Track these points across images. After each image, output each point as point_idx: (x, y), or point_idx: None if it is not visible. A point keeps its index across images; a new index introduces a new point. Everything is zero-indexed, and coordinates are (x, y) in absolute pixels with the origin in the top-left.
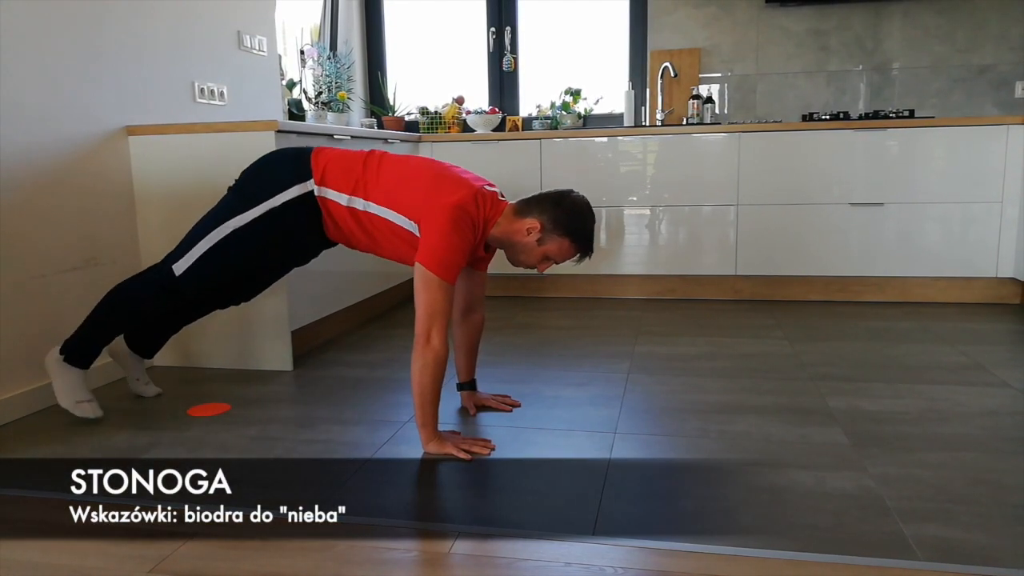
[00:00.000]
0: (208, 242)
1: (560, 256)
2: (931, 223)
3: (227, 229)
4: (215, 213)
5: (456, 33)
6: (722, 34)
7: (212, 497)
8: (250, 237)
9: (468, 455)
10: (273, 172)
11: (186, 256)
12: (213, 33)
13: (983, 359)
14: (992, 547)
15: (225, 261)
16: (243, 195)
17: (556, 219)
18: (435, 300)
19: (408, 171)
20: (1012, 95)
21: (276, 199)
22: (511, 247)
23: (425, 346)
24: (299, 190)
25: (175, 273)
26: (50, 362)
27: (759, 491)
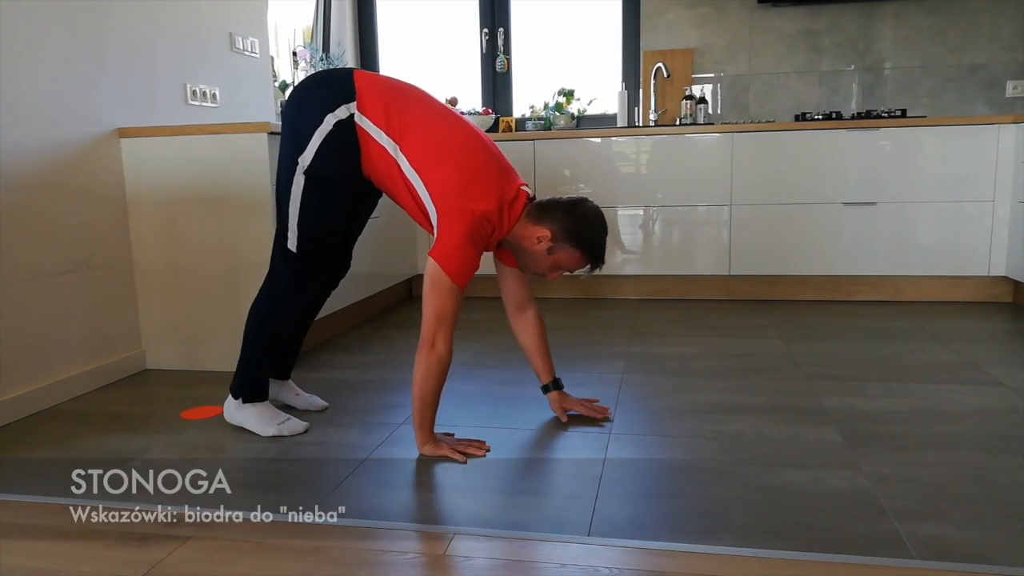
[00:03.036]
0: (295, 201)
1: (570, 266)
2: (924, 222)
3: (301, 175)
4: (281, 170)
5: (449, 34)
6: (715, 35)
7: (206, 500)
8: (323, 171)
9: (463, 457)
10: (318, 98)
11: (290, 228)
12: (205, 35)
13: (976, 358)
14: (987, 545)
15: (318, 208)
16: (296, 133)
17: (567, 229)
18: (444, 304)
19: (448, 140)
20: (1003, 94)
21: (326, 123)
22: (522, 252)
23: (429, 350)
24: (344, 111)
25: (293, 250)
26: (232, 411)
27: (754, 491)
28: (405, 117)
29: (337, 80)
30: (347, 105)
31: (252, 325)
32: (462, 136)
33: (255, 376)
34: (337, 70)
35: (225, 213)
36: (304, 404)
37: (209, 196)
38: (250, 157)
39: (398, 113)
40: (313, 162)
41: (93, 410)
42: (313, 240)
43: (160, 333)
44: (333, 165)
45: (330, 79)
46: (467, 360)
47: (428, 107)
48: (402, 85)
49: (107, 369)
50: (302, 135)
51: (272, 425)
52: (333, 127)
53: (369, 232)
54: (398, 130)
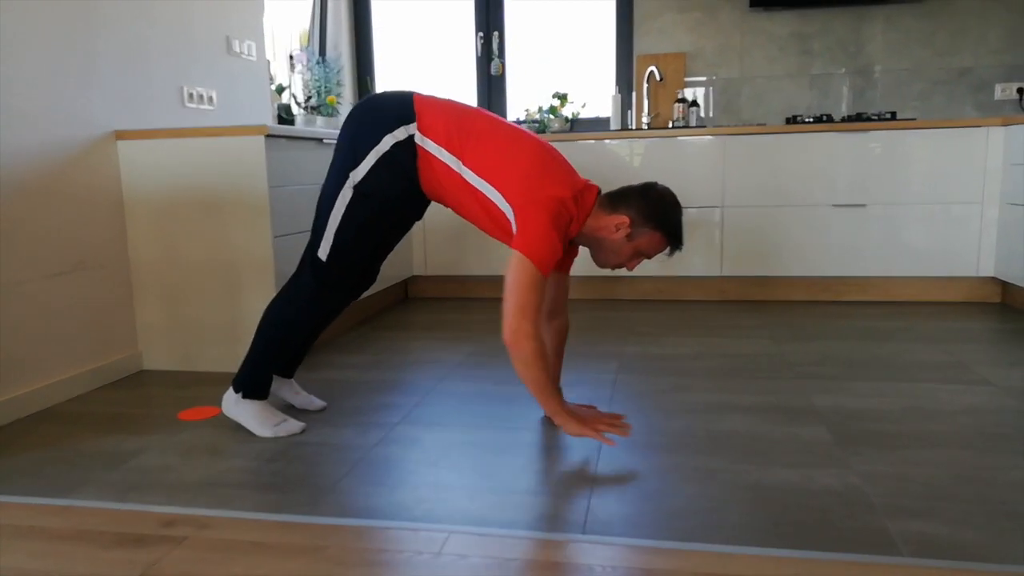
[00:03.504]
0: (337, 213)
1: (652, 250)
2: (913, 224)
3: (349, 191)
4: (331, 181)
5: (444, 37)
6: (707, 38)
7: (202, 500)
8: (373, 189)
9: (608, 439)
10: (376, 117)
11: (324, 238)
12: (202, 38)
13: (965, 357)
14: (976, 543)
15: (362, 227)
16: (352, 149)
17: (644, 212)
18: (527, 295)
19: (514, 147)
20: (991, 97)
21: (384, 143)
22: (599, 244)
23: (516, 344)
24: (403, 132)
25: (322, 259)
26: (230, 405)
27: (746, 489)
28: (465, 133)
29: (397, 102)
30: (407, 127)
31: (265, 324)
32: (523, 140)
33: (259, 374)
34: (397, 93)
35: (222, 216)
36: (303, 403)
37: (206, 199)
38: (247, 160)
39: (458, 130)
40: (365, 178)
41: (90, 411)
42: (346, 253)
43: (156, 334)
44: (383, 184)
45: (391, 101)
46: (462, 360)
47: (487, 120)
48: (460, 105)
49: (104, 370)
50: (358, 151)
51: (269, 426)
52: (391, 148)
53: None
54: (459, 146)
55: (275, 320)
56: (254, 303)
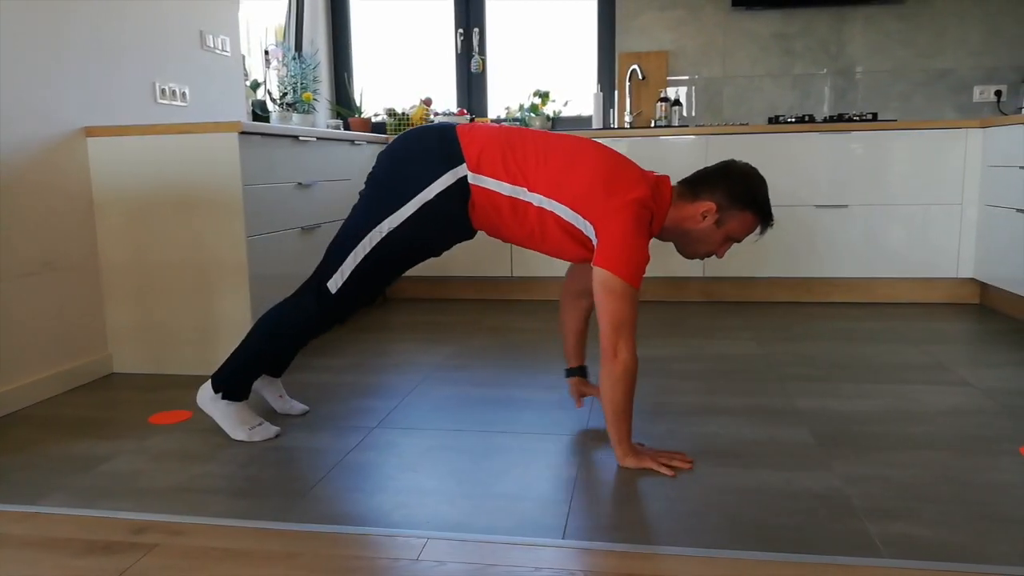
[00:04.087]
0: (361, 251)
1: (743, 232)
2: (894, 225)
3: (380, 234)
4: (362, 217)
5: (423, 34)
6: (689, 37)
7: (174, 505)
8: (406, 235)
9: (670, 470)
10: (423, 161)
11: (339, 272)
12: (175, 33)
13: (945, 358)
14: (956, 544)
15: (382, 265)
16: (391, 191)
17: (731, 194)
18: (622, 309)
19: (581, 160)
20: (970, 99)
21: (429, 190)
22: (686, 236)
23: (613, 360)
24: (451, 177)
25: (331, 291)
26: (206, 401)
27: (728, 492)
28: (522, 158)
29: (441, 139)
30: (455, 170)
31: (257, 333)
32: (583, 149)
33: (242, 378)
34: (439, 128)
35: (195, 214)
36: (283, 408)
37: (179, 197)
38: (221, 158)
39: (513, 157)
40: (401, 226)
41: (58, 415)
42: (359, 290)
43: (127, 336)
44: (420, 231)
45: (435, 140)
46: (442, 363)
47: (538, 138)
48: (503, 128)
49: (72, 373)
50: (397, 197)
51: (243, 429)
52: (435, 196)
53: None
54: (519, 173)
55: (268, 333)
56: (227, 304)
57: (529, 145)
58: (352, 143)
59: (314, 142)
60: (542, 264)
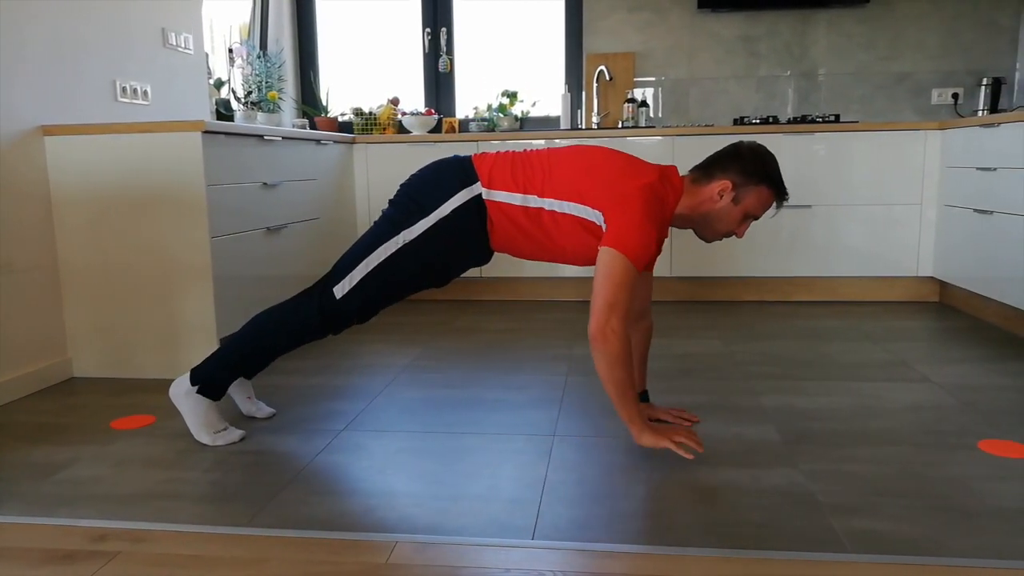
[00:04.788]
0: (374, 260)
1: (760, 208)
2: (856, 224)
3: (395, 245)
4: (378, 231)
5: (390, 33)
6: (656, 39)
7: (137, 512)
8: (419, 250)
9: (688, 453)
10: (438, 180)
11: (348, 277)
12: (136, 30)
13: (906, 356)
14: (916, 538)
15: (392, 277)
16: (409, 208)
17: (745, 170)
18: (618, 289)
19: (585, 160)
20: (929, 102)
21: (444, 207)
22: (703, 218)
23: (604, 341)
24: (467, 194)
25: (336, 296)
26: (179, 393)
27: (695, 490)
28: (530, 169)
29: (458, 165)
30: (470, 188)
31: (249, 333)
32: (587, 151)
33: (224, 375)
34: (458, 157)
35: (157, 215)
36: (250, 410)
37: (140, 197)
38: (184, 157)
39: (522, 169)
40: (416, 240)
41: (16, 421)
42: (365, 300)
43: (88, 339)
44: (434, 249)
45: (453, 164)
46: (409, 364)
47: (543, 151)
48: (515, 151)
49: (31, 377)
50: (415, 212)
51: (209, 432)
52: (450, 212)
53: (308, 233)
54: (529, 183)
55: (261, 335)
56: (191, 307)
57: (535, 160)
58: (318, 143)
59: (279, 141)
60: (511, 265)
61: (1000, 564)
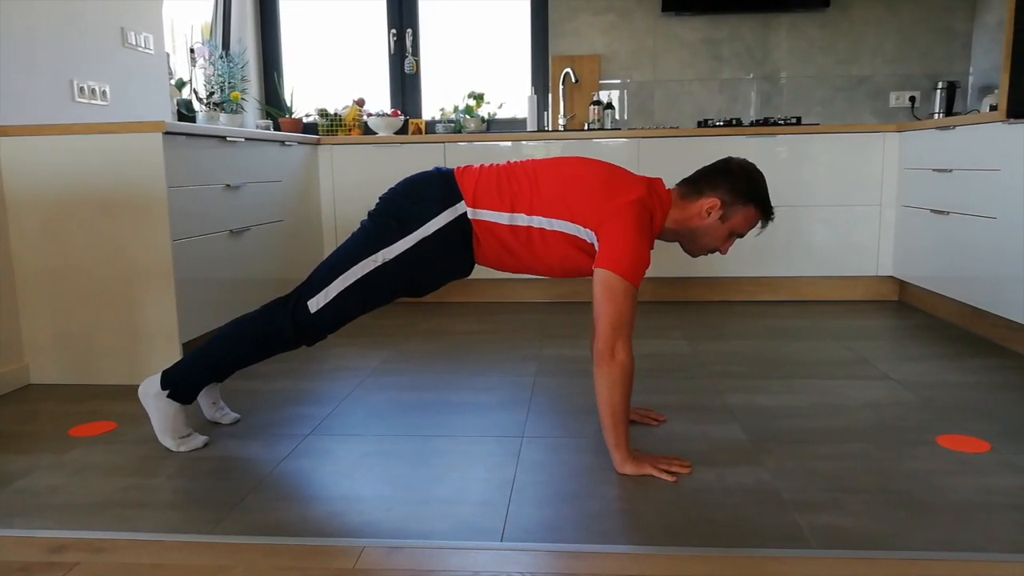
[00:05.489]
0: (351, 276)
1: (746, 227)
2: (818, 225)
3: (373, 263)
4: (356, 245)
5: (355, 34)
6: (620, 42)
7: (96, 522)
8: (399, 269)
9: (670, 476)
10: (421, 198)
11: (324, 292)
12: (94, 29)
13: (867, 354)
14: (878, 532)
15: (368, 294)
16: (389, 225)
17: (734, 188)
18: (622, 309)
19: (572, 175)
20: (887, 105)
21: (428, 226)
22: (691, 233)
23: (611, 361)
24: (451, 214)
25: (310, 310)
26: (149, 395)
27: (663, 489)
28: (517, 185)
29: (441, 182)
30: (453, 207)
31: (223, 339)
32: (572, 164)
33: (195, 380)
34: (441, 173)
35: (117, 217)
36: (214, 415)
37: (99, 199)
38: (144, 159)
39: (509, 187)
40: (396, 259)
41: None
42: (340, 315)
43: (45, 346)
44: (414, 269)
45: (435, 181)
46: (377, 367)
47: (528, 165)
48: (499, 166)
49: None
50: (396, 229)
51: (174, 437)
52: (433, 233)
53: (273, 236)
54: (515, 200)
55: (233, 344)
56: (153, 311)
57: (520, 175)
58: (283, 144)
59: (243, 143)
60: (478, 267)
61: (959, 556)
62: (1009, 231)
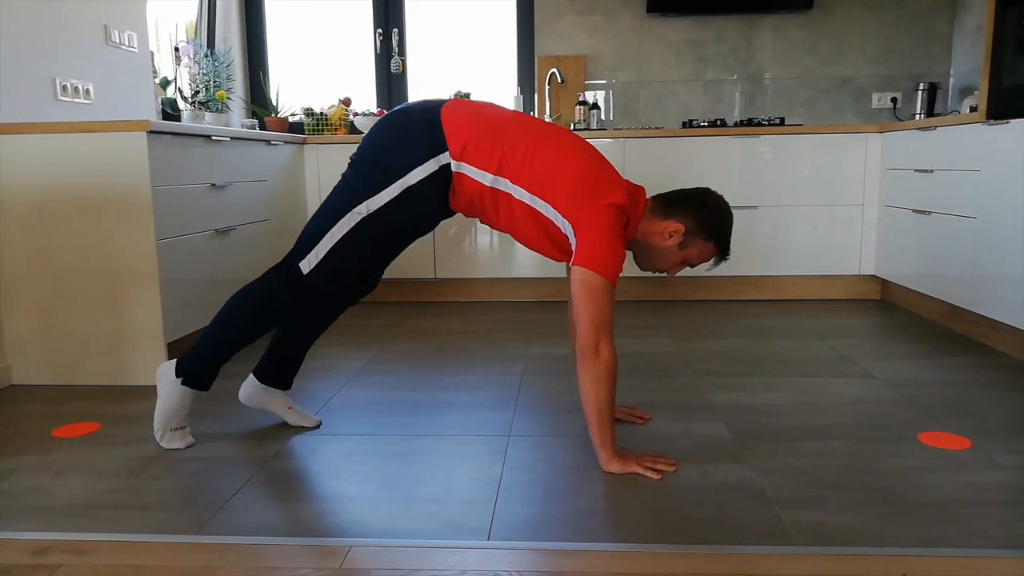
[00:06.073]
0: (338, 232)
1: (699, 260)
2: (801, 224)
3: (358, 215)
4: (340, 199)
5: (342, 33)
6: (606, 42)
7: (79, 523)
8: (384, 219)
9: (656, 474)
10: (405, 142)
11: (313, 251)
12: (77, 27)
13: (849, 352)
14: (860, 529)
15: (357, 249)
16: (372, 174)
17: (701, 221)
18: (602, 308)
19: (562, 154)
20: (870, 105)
21: (411, 176)
22: (648, 250)
23: (595, 359)
24: (434, 164)
25: (303, 271)
26: (165, 378)
27: (648, 487)
28: (509, 149)
29: (425, 125)
30: (437, 158)
31: (223, 316)
32: (569, 146)
33: (207, 363)
34: (425, 110)
35: (101, 217)
36: (296, 420)
37: (83, 199)
38: (128, 158)
39: (499, 146)
40: (381, 209)
41: None
42: (333, 274)
43: (28, 346)
44: (401, 214)
45: (419, 124)
46: (363, 367)
47: (527, 129)
48: (491, 114)
49: None
50: (379, 179)
51: (168, 424)
52: (417, 183)
53: (258, 235)
54: (501, 164)
55: (232, 317)
56: (137, 311)
57: (520, 138)
58: (268, 143)
59: (228, 142)
60: (466, 266)
61: (941, 552)
62: (989, 231)
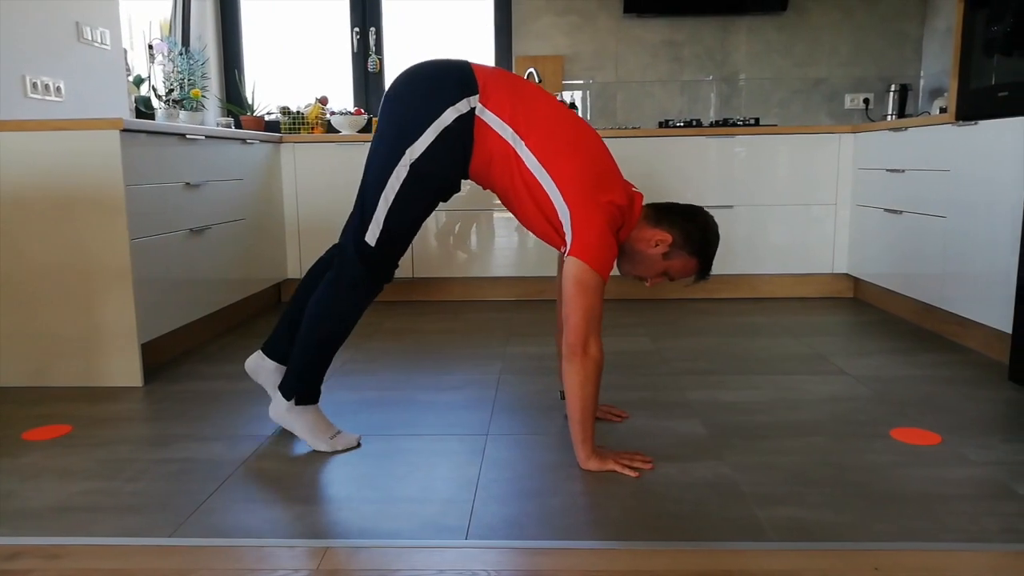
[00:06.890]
0: (391, 191)
1: (680, 274)
2: (776, 224)
3: (404, 167)
4: (381, 157)
5: (318, 32)
6: (583, 43)
7: (51, 527)
8: (428, 168)
9: (634, 472)
10: (434, 85)
11: (374, 221)
12: (48, 23)
13: (823, 349)
14: (836, 524)
15: (412, 205)
16: (406, 121)
17: (689, 236)
18: (592, 304)
19: (576, 136)
20: (842, 106)
21: (445, 116)
22: (632, 255)
23: (583, 356)
24: (465, 105)
25: (371, 244)
26: (282, 414)
27: (626, 484)
28: (531, 111)
29: (456, 69)
30: (469, 99)
31: (314, 323)
32: (586, 134)
33: (312, 378)
34: (453, 61)
35: (73, 216)
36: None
37: (55, 198)
38: (101, 156)
39: (523, 106)
40: (424, 155)
41: None
42: (396, 237)
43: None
44: (441, 163)
45: (448, 69)
46: (341, 367)
47: (549, 102)
48: (518, 79)
49: None
50: (414, 125)
51: (324, 439)
52: (452, 122)
53: (234, 234)
54: (524, 124)
55: (325, 317)
56: (111, 311)
57: (540, 100)
58: (244, 142)
59: (203, 140)
60: (443, 265)
61: (915, 546)
62: (959, 230)
